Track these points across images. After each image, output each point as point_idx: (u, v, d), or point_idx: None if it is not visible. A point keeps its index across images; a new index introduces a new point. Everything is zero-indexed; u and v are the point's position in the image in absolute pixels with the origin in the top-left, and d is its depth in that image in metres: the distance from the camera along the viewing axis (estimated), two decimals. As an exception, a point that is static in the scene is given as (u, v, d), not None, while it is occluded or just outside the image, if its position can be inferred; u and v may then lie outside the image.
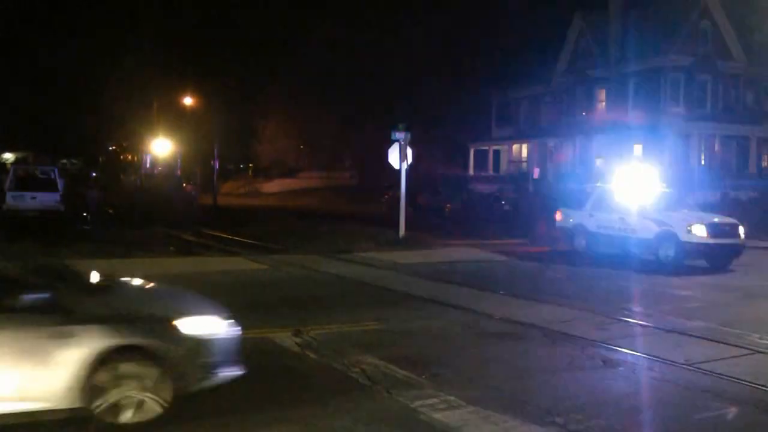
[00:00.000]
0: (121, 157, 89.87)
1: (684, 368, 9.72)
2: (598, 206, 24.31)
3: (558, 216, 26.24)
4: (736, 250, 21.61)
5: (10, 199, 29.64)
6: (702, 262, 21.33)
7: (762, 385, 8.91)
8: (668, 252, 21.37)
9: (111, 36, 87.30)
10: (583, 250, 24.33)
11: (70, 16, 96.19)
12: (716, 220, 22.16)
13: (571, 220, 25.32)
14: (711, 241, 20.96)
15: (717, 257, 21.33)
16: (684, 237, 21.03)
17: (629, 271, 19.94)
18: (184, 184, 52.73)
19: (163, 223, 31.69)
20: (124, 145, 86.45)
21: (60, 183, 31.24)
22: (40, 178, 31.12)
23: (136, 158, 76.57)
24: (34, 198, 29.68)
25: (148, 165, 67.48)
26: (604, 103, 53.43)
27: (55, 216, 29.68)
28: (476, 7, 66.25)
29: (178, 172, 55.50)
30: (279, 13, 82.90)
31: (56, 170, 33.00)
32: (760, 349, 10.85)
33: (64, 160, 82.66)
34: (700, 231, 20.98)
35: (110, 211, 36.25)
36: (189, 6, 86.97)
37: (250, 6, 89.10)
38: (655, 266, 20.99)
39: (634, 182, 23.90)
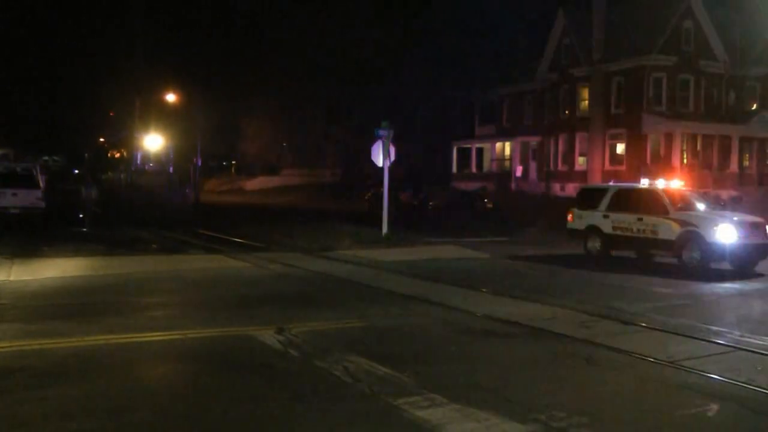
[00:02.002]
0: (109, 153, 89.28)
1: (666, 365, 9.74)
2: (613, 206, 22.98)
3: (570, 217, 24.80)
4: (764, 251, 20.37)
5: None
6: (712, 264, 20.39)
7: (743, 382, 8.94)
8: (693, 254, 20.21)
9: (95, 32, 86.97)
10: (597, 252, 23.14)
11: (54, 11, 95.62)
12: (743, 219, 20.87)
13: (583, 222, 23.94)
14: (739, 241, 19.73)
15: (744, 258, 20.21)
16: (710, 237, 19.79)
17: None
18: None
19: (150, 222, 31.59)
20: (111, 141, 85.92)
21: (41, 180, 31.02)
22: (21, 175, 30.87)
23: (125, 154, 75.96)
24: (15, 195, 29.45)
25: (138, 162, 66.93)
26: (587, 102, 53.57)
27: (36, 213, 29.50)
28: (459, 5, 66.37)
29: (171, 169, 55.07)
30: (262, 11, 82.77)
31: (38, 167, 32.78)
32: (742, 347, 10.90)
33: (46, 157, 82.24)
34: (727, 231, 19.71)
35: (95, 209, 36.09)
36: (174, 4, 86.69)
37: (233, 4, 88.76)
38: (679, 269, 20.28)
39: (652, 181, 22.92)
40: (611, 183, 26.37)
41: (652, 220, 21.43)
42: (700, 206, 22.02)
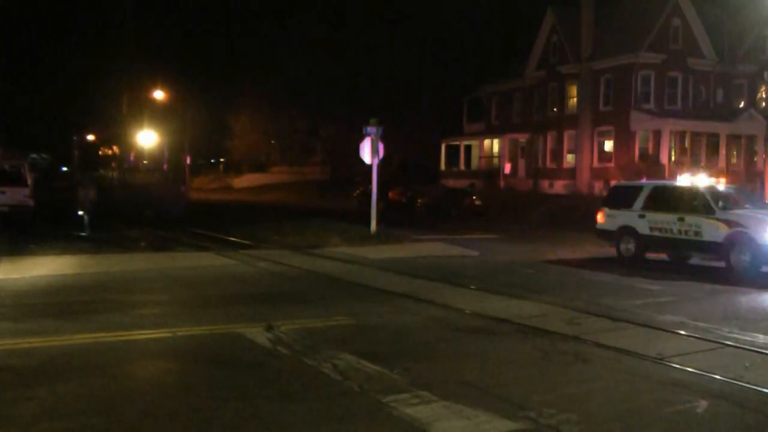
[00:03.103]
0: (100, 151, 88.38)
1: (655, 362, 9.76)
2: (650, 205, 21.34)
3: (600, 217, 23.14)
4: None
5: None
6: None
7: (732, 379, 8.96)
8: (742, 257, 18.58)
9: (83, 29, 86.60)
10: (631, 255, 21.58)
11: (40, 5, 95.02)
12: None
13: (616, 222, 22.26)
14: None
15: None
16: (762, 239, 18.23)
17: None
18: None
19: (143, 221, 31.43)
20: (101, 138, 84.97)
21: (30, 178, 30.85)
22: (9, 173, 30.68)
23: (117, 152, 74.80)
24: (3, 193, 29.27)
25: (132, 159, 66.04)
26: (575, 99, 53.69)
27: (24, 211, 29.33)
28: (448, 2, 66.35)
29: (165, 167, 54.23)
30: (251, 9, 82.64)
31: (26, 165, 32.58)
32: (730, 343, 10.93)
33: (34, 155, 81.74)
34: None
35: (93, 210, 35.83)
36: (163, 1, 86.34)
37: (221, 3, 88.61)
38: (729, 274, 18.73)
39: (693, 178, 21.11)
40: (645, 180, 24.37)
41: (695, 221, 19.79)
42: (747, 205, 20.48)
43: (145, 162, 62.34)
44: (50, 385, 8.31)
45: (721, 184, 21.52)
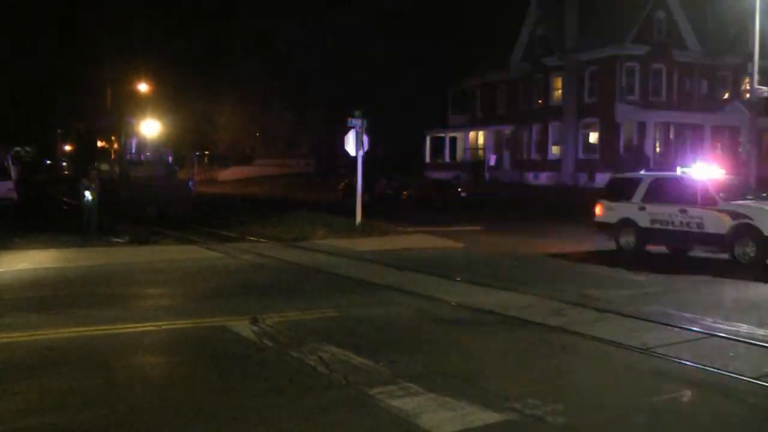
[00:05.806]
0: (97, 144, 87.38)
1: (641, 352, 9.79)
2: (651, 197, 20.69)
3: (598, 209, 22.38)
4: None
5: None
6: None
7: (716, 368, 9.00)
8: (747, 249, 18.02)
9: (65, 19, 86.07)
10: (631, 248, 20.96)
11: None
12: None
13: (616, 215, 21.59)
14: None
15: None
16: None
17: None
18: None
19: (143, 217, 31.21)
20: (96, 128, 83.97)
21: (13, 170, 30.72)
22: None
23: (115, 144, 73.23)
24: None
25: (133, 151, 64.62)
26: (560, 91, 53.78)
27: (9, 204, 29.18)
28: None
29: (170, 159, 53.01)
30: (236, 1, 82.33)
31: (9, 158, 32.42)
32: (714, 333, 10.97)
33: (18, 148, 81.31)
34: None
35: (66, 201, 35.52)
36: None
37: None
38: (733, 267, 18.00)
39: (695, 168, 20.47)
40: (644, 171, 23.98)
41: (697, 212, 19.14)
42: (750, 196, 19.84)
43: (147, 154, 60.96)
44: (35, 379, 8.27)
45: (722, 175, 20.81)
